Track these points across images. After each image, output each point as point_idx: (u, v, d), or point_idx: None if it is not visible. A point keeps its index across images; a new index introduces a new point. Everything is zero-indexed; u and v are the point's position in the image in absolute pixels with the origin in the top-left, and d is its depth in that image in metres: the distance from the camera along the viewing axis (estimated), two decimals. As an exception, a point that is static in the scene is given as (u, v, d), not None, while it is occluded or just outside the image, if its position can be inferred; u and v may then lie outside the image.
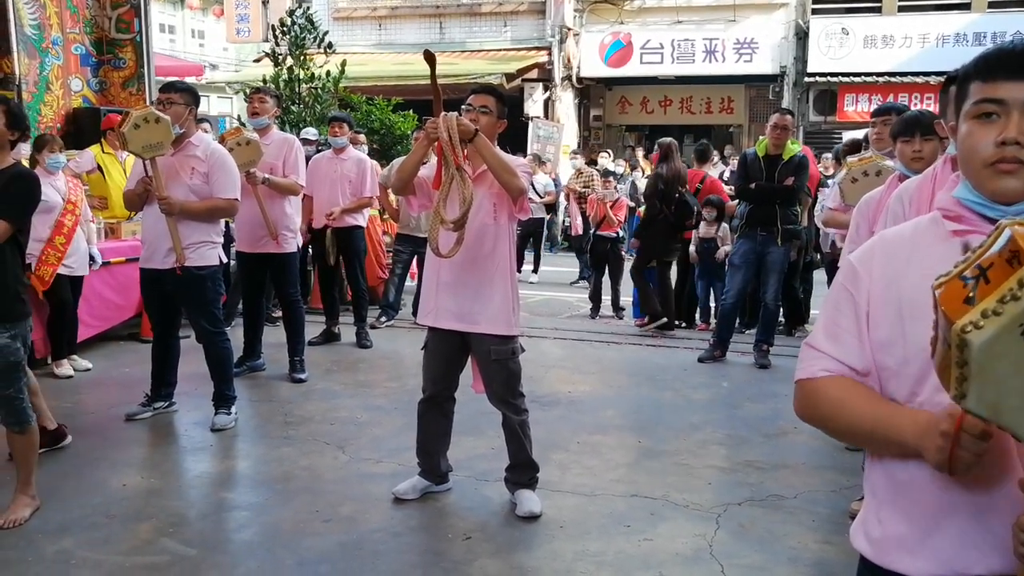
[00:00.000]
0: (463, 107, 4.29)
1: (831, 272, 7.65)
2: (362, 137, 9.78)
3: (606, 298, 10.19)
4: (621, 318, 10.02)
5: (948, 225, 1.67)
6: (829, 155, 10.93)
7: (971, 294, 1.31)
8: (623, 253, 10.47)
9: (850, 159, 5.85)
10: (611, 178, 11.05)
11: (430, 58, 4.27)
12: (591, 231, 10.64)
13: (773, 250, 7.47)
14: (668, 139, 9.25)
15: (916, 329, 1.57)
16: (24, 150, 6.76)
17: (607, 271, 10.16)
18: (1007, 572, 1.55)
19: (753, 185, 7.44)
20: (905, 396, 1.65)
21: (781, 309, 8.56)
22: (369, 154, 9.72)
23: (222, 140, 6.48)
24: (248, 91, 7.92)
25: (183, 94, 5.54)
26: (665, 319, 8.95)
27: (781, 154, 7.36)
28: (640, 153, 19.56)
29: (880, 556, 1.71)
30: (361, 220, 8.23)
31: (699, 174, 9.90)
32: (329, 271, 8.20)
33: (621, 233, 10.42)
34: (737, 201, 8.17)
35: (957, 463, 1.48)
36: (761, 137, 7.73)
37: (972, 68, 1.65)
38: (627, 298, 10.03)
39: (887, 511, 1.71)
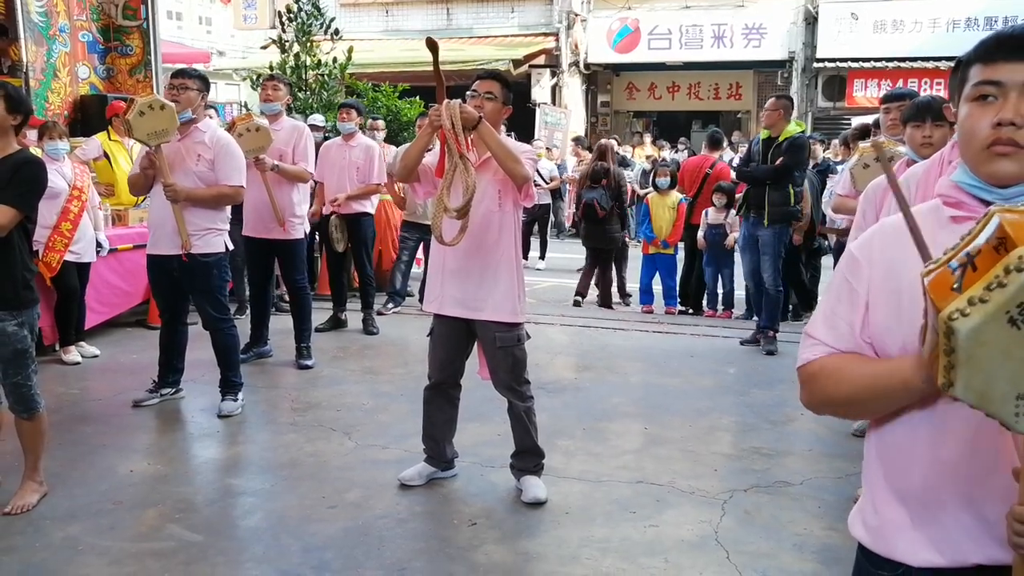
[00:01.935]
0: (468, 93, 4.28)
1: (838, 257, 7.64)
2: (380, 123, 9.74)
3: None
4: (628, 304, 10.02)
5: (948, 211, 1.66)
6: (838, 141, 10.89)
7: (958, 282, 1.31)
8: (627, 240, 10.47)
9: (862, 144, 5.83)
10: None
11: (432, 46, 4.24)
12: None
13: (763, 232, 7.52)
14: (602, 140, 9.58)
15: (915, 316, 1.57)
16: (32, 137, 6.78)
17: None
18: (1004, 562, 1.55)
19: (748, 167, 7.54)
20: None
21: (788, 294, 8.56)
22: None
23: (232, 126, 6.48)
24: (257, 77, 7.92)
25: (197, 80, 5.56)
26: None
27: (779, 136, 7.39)
28: (648, 139, 19.53)
29: (877, 544, 1.72)
30: (369, 207, 8.21)
31: (709, 160, 9.91)
32: (338, 258, 8.20)
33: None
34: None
35: None
36: None
37: (973, 52, 1.65)
38: (634, 285, 10.03)
39: (883, 500, 1.71)
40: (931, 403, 1.59)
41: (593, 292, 10.03)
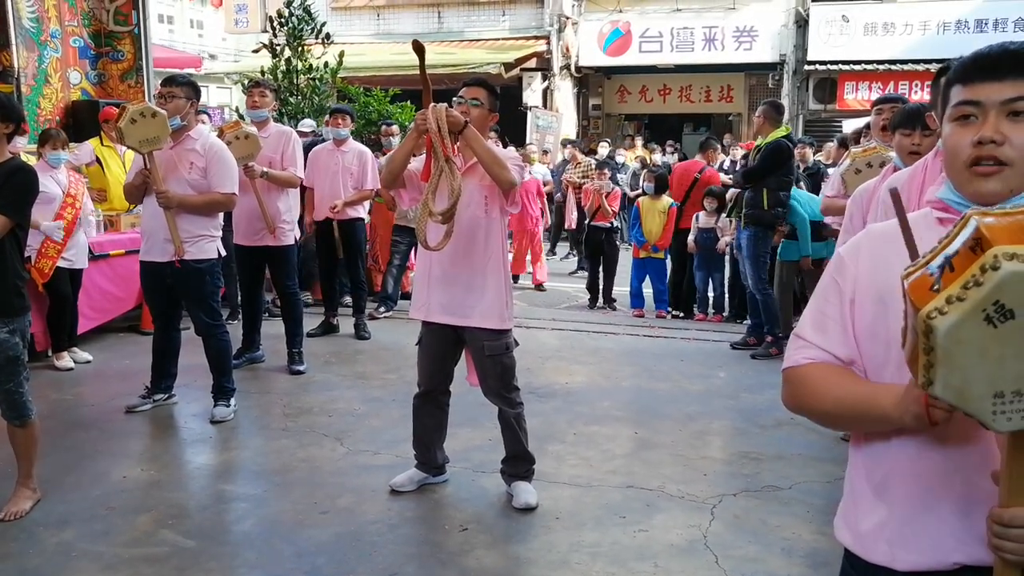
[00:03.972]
0: (454, 99, 4.29)
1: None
2: (395, 128, 9.71)
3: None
4: (614, 309, 10.03)
5: (936, 214, 1.71)
6: (832, 143, 10.92)
7: (937, 283, 1.34)
8: (617, 244, 10.52)
9: (854, 150, 5.87)
10: (606, 169, 11.07)
11: (419, 49, 4.23)
12: (586, 221, 10.66)
13: (741, 235, 7.67)
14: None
15: (899, 317, 1.60)
16: (20, 143, 6.78)
17: (601, 261, 10.21)
18: (986, 561, 1.57)
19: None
20: None
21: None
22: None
23: (221, 133, 6.50)
24: (247, 83, 7.94)
25: (184, 87, 5.56)
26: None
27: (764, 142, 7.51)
28: (639, 142, 19.57)
29: (862, 548, 1.75)
30: (362, 212, 8.24)
31: (697, 165, 9.99)
32: (331, 264, 8.22)
33: (615, 223, 10.45)
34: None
35: (933, 415, 1.49)
36: None
37: (952, 73, 1.70)
38: (620, 288, 10.07)
39: (867, 504, 1.74)
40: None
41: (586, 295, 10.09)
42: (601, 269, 10.25)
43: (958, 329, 1.29)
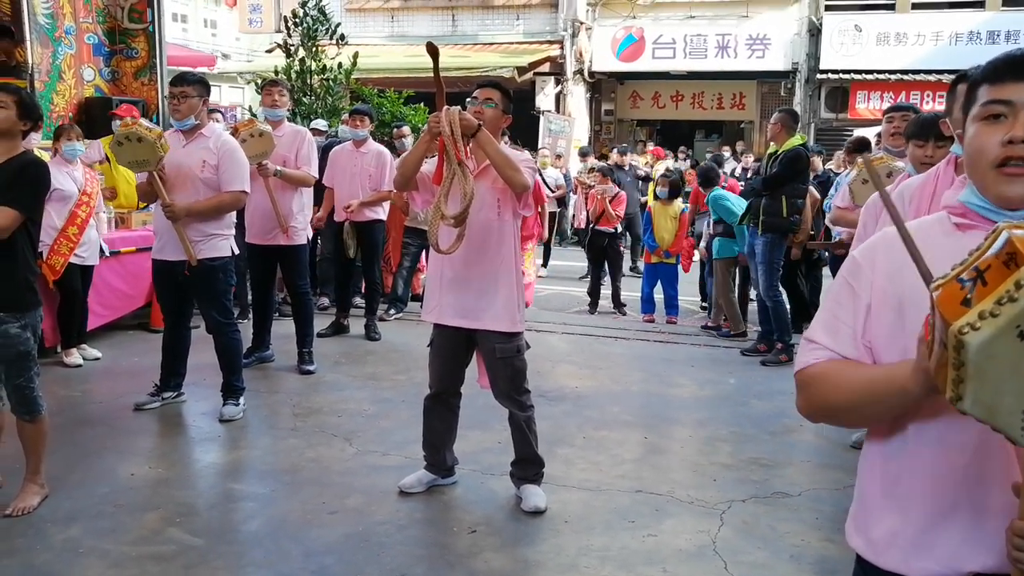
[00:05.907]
0: (467, 100, 4.29)
1: (836, 268, 7.67)
2: (406, 130, 9.69)
3: (607, 292, 10.26)
4: (624, 314, 10.00)
5: (954, 219, 1.68)
6: (841, 152, 10.91)
7: (968, 296, 1.32)
8: (621, 248, 10.50)
9: (860, 160, 5.86)
10: (609, 175, 11.03)
11: (433, 51, 4.22)
12: (589, 226, 10.63)
13: (757, 242, 7.64)
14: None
15: (916, 322, 1.58)
16: (35, 139, 6.80)
17: (606, 266, 10.19)
18: (999, 570, 1.56)
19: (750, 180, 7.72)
20: None
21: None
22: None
23: (235, 131, 6.50)
24: (262, 82, 7.94)
25: (196, 85, 5.52)
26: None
27: (780, 150, 7.47)
28: (650, 147, 19.55)
29: (876, 555, 1.73)
30: (381, 213, 8.21)
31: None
32: (347, 265, 8.21)
33: (619, 228, 10.43)
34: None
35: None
36: None
37: (980, 74, 1.67)
38: (627, 293, 10.04)
39: (880, 510, 1.72)
40: (928, 414, 1.61)
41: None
42: (608, 275, 10.23)
43: (991, 345, 1.27)
